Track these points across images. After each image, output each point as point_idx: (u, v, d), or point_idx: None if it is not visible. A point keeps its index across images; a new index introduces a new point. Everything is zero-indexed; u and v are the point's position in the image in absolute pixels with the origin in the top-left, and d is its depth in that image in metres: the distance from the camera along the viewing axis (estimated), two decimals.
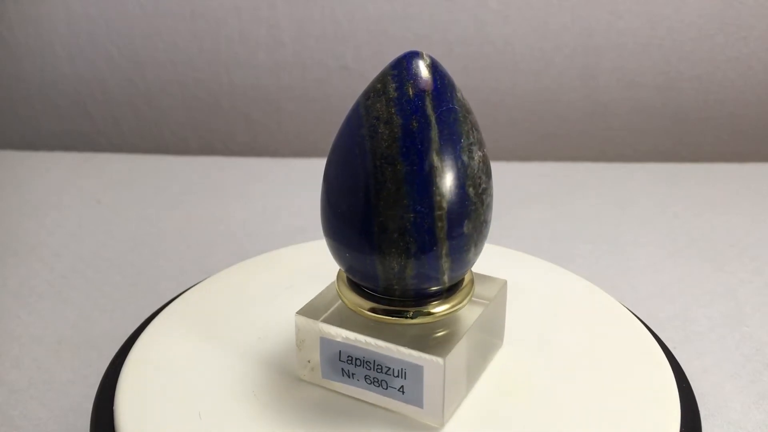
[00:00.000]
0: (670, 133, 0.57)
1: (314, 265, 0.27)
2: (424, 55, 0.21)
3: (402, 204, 0.20)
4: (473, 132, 0.21)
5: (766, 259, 0.40)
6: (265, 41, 0.56)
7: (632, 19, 0.54)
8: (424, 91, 0.20)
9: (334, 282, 0.24)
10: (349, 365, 0.23)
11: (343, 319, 0.23)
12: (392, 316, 0.22)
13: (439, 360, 0.21)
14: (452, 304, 0.22)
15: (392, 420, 0.22)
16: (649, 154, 0.57)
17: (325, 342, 0.23)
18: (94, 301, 0.36)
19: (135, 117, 0.59)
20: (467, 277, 0.23)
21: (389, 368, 0.22)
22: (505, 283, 0.25)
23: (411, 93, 0.20)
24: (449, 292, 0.22)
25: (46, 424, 0.28)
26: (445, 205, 0.20)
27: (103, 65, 0.57)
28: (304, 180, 0.51)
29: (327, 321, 0.23)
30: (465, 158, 0.20)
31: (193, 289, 0.29)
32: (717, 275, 0.39)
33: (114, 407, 0.23)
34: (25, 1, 0.56)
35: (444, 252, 0.20)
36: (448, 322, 0.23)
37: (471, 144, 0.20)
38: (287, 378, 0.24)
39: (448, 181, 0.20)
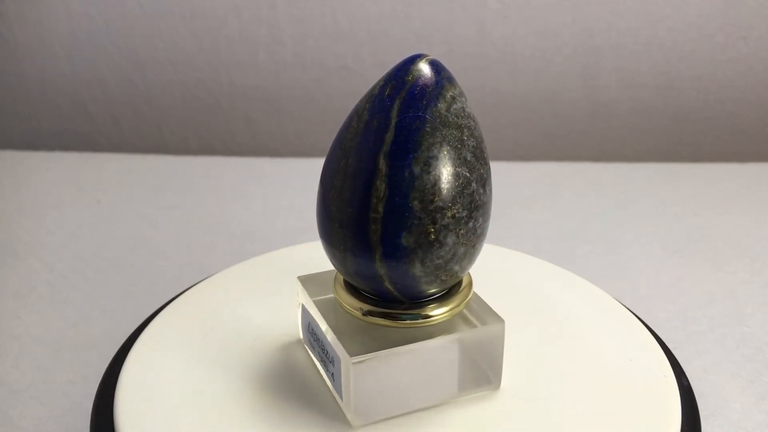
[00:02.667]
0: (670, 133, 0.57)
1: (314, 265, 0.27)
2: (425, 60, 0.20)
3: (344, 197, 0.20)
4: (440, 147, 0.20)
5: (766, 259, 0.40)
6: (265, 41, 0.56)
7: (632, 19, 0.54)
8: (398, 93, 0.20)
9: None
10: (312, 338, 0.24)
11: (323, 297, 0.24)
12: (348, 305, 0.22)
13: (348, 357, 0.21)
14: (416, 315, 0.22)
15: (334, 406, 0.23)
16: (649, 154, 0.57)
17: (304, 310, 0.24)
18: (94, 301, 0.36)
19: (135, 117, 0.59)
20: (462, 294, 0.23)
21: (327, 351, 0.23)
22: (501, 325, 0.23)
23: (386, 93, 0.20)
24: (437, 302, 0.22)
25: (46, 424, 0.28)
26: (381, 209, 0.20)
27: (103, 65, 0.57)
28: (304, 180, 0.51)
29: (309, 292, 0.24)
30: (416, 169, 0.20)
31: (193, 289, 0.29)
32: (717, 275, 0.39)
33: (114, 407, 0.23)
34: (25, 1, 0.56)
35: (378, 257, 0.20)
36: (444, 330, 0.22)
37: (430, 157, 0.20)
38: (287, 375, 0.24)
39: (389, 186, 0.20)
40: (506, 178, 0.51)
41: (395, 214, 0.20)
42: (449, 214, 0.20)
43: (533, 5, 0.54)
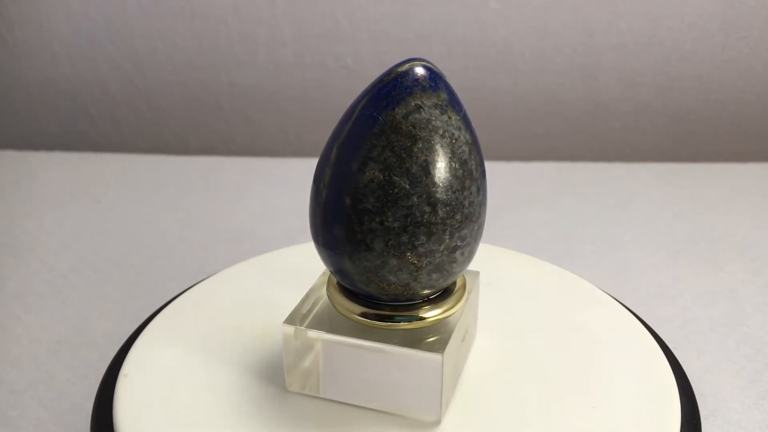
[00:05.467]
0: (670, 133, 0.57)
1: (314, 265, 0.27)
2: (414, 64, 0.20)
3: (316, 175, 0.21)
4: (381, 151, 0.20)
5: (766, 259, 0.40)
6: (265, 41, 0.56)
7: (632, 19, 0.54)
8: (370, 90, 0.20)
9: None
10: None
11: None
12: (337, 296, 0.23)
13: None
14: (410, 317, 0.22)
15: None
16: (649, 154, 0.57)
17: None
18: (94, 301, 0.36)
19: (135, 117, 0.59)
20: (456, 296, 0.23)
21: None
22: (437, 357, 0.21)
23: (366, 90, 0.21)
24: (431, 304, 0.22)
25: (45, 425, 0.28)
26: (324, 195, 0.21)
27: (103, 65, 0.57)
28: (304, 180, 0.51)
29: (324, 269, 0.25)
30: (353, 167, 0.20)
31: (193, 289, 0.29)
32: (717, 275, 0.39)
33: (114, 407, 0.23)
34: (25, 1, 0.56)
35: (320, 241, 0.21)
36: (439, 329, 0.22)
37: (369, 159, 0.20)
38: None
39: (332, 176, 0.21)
40: (506, 178, 0.51)
41: (331, 204, 0.20)
42: (377, 219, 0.20)
43: (533, 5, 0.54)
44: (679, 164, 0.55)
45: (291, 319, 0.23)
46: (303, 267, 0.27)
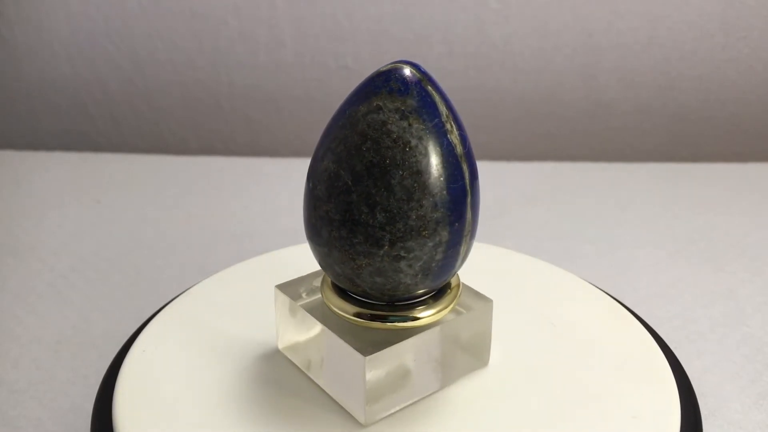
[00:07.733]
0: (670, 133, 0.57)
1: (314, 266, 0.27)
2: (394, 64, 0.20)
3: None
4: (338, 143, 0.20)
5: (766, 259, 0.40)
6: (265, 41, 0.56)
7: (632, 19, 0.54)
8: (353, 90, 0.21)
9: None
10: None
11: None
12: (335, 307, 0.23)
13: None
14: (405, 317, 0.22)
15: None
16: (649, 154, 0.57)
17: None
18: (94, 301, 0.36)
19: (135, 117, 0.59)
20: (450, 296, 0.23)
21: None
22: (360, 359, 0.21)
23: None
24: (426, 304, 0.22)
25: (45, 425, 0.28)
26: (306, 180, 0.22)
27: (103, 65, 0.57)
28: (303, 180, 0.51)
29: None
30: (320, 153, 0.21)
31: (193, 289, 0.29)
32: (717, 275, 0.39)
33: (114, 407, 0.23)
34: (25, 1, 0.56)
35: (304, 224, 0.22)
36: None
37: (329, 149, 0.21)
38: (288, 376, 0.24)
39: (311, 162, 0.22)
40: (506, 178, 0.51)
41: (306, 187, 0.22)
42: (324, 208, 0.21)
43: (533, 5, 0.54)
44: (679, 164, 0.55)
45: (284, 287, 0.24)
46: (303, 267, 0.27)
